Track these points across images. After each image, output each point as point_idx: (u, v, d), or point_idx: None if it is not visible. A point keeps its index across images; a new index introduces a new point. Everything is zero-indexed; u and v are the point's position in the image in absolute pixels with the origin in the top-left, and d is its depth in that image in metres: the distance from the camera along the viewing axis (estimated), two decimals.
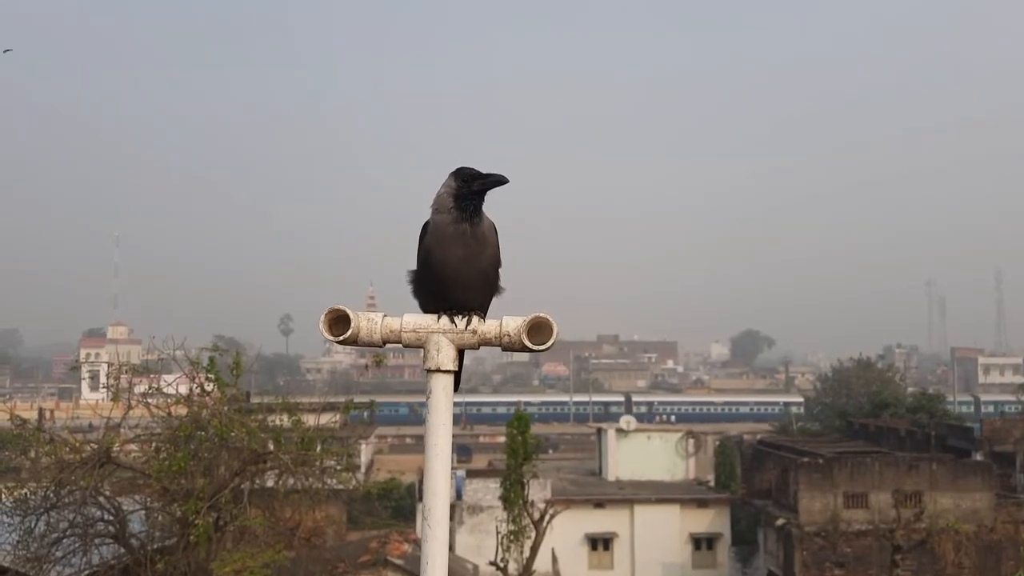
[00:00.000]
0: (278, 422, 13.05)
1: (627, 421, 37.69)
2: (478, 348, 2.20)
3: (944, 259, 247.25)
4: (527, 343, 2.12)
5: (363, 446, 30.15)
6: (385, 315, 2.18)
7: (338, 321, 2.13)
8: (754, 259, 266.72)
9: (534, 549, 22.82)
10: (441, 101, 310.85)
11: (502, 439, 30.61)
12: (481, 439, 72.80)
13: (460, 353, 2.20)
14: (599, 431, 39.37)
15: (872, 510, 26.26)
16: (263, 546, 12.28)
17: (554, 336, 2.12)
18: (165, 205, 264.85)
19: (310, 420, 13.49)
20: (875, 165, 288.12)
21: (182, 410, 12.32)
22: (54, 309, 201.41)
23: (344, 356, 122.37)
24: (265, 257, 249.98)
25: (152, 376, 12.71)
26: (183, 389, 12.72)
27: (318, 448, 13.32)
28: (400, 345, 2.20)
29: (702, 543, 32.45)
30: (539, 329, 2.12)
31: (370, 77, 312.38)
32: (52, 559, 11.48)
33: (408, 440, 75.70)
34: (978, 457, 31.19)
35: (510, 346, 2.14)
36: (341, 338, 2.12)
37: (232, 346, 19.65)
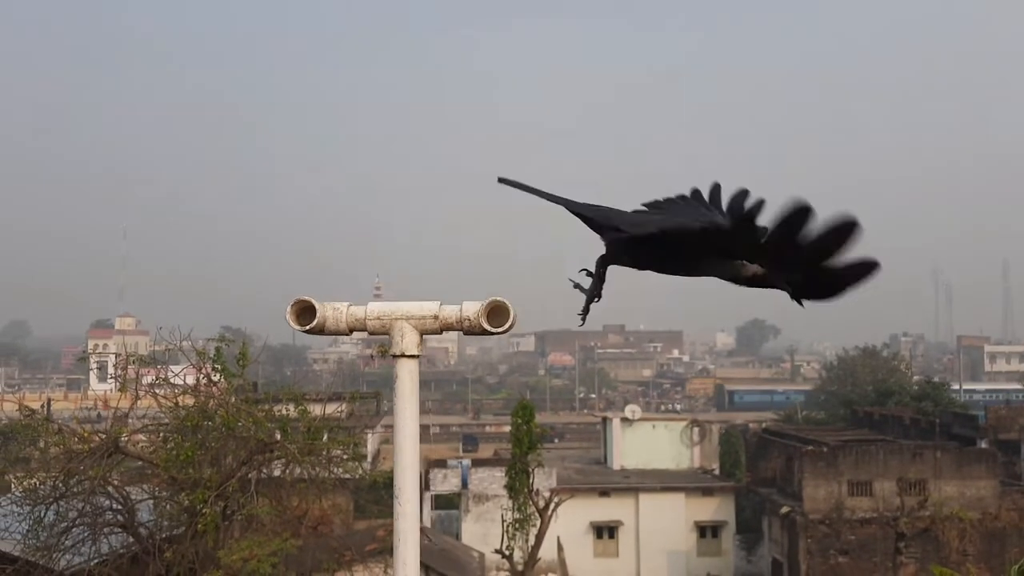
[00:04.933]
0: (285, 412, 13.14)
1: (632, 410, 37.74)
2: (440, 332, 2.24)
3: (951, 247, 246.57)
4: (486, 326, 2.15)
5: (370, 436, 30.27)
6: (351, 304, 2.22)
7: (305, 311, 2.18)
8: None
9: (539, 537, 22.96)
10: (446, 96, 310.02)
11: (508, 428, 30.70)
12: (487, 429, 73.01)
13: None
14: (604, 420, 39.44)
15: (876, 498, 26.28)
16: (270, 535, 12.38)
17: (511, 319, 2.15)
18: (173, 196, 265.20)
19: (317, 410, 13.58)
20: (881, 155, 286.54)
21: (189, 400, 12.41)
22: (62, 300, 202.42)
23: (351, 347, 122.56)
24: (272, 247, 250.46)
25: (159, 367, 12.81)
26: (190, 380, 12.81)
27: (325, 437, 13.42)
28: (367, 333, 2.23)
29: (707, 531, 32.55)
30: (498, 313, 2.15)
31: (376, 76, 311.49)
32: (61, 548, 11.61)
33: None
34: (983, 445, 31.17)
35: (471, 330, 2.17)
36: (308, 327, 2.17)
37: (239, 337, 19.75)
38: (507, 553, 23.03)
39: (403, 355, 2.18)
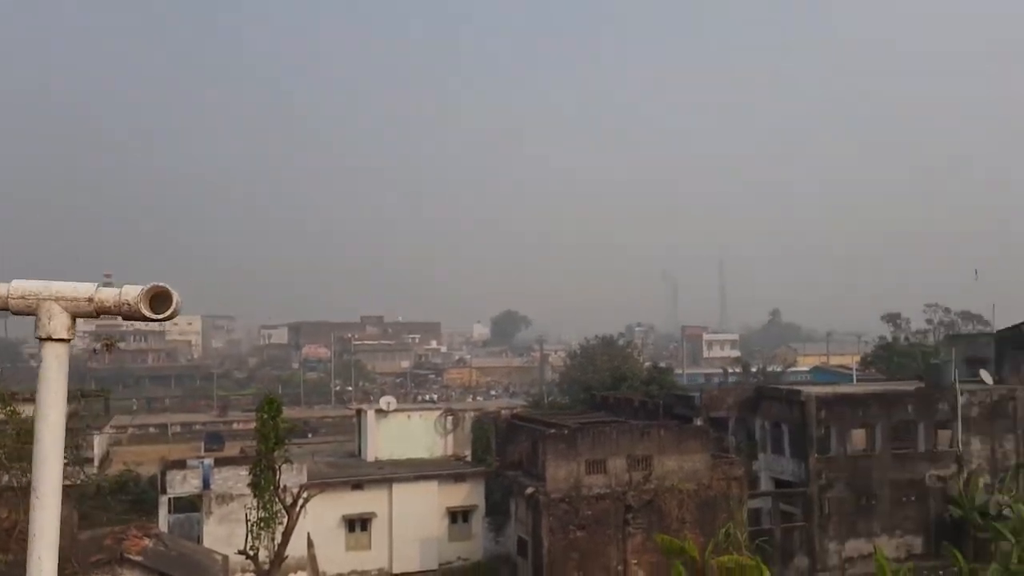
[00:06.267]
0: None
1: (387, 402, 37.84)
2: (96, 316, 2.19)
3: (678, 249, 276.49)
4: (146, 312, 2.13)
5: (96, 437, 27.58)
6: None
7: None
8: (514, 242, 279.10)
9: (286, 535, 22.35)
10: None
11: None
12: (235, 426, 69.62)
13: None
14: (359, 412, 39.17)
15: (610, 475, 28.65)
16: None
17: (174, 306, 2.15)
18: None
19: (30, 410, 12.14)
20: (629, 163, 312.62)
21: None
22: None
23: (77, 340, 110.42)
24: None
25: None
26: None
27: None
28: (9, 313, 2.13)
29: (458, 516, 33.55)
30: (161, 299, 2.14)
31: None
32: None
33: (151, 430, 70.53)
34: (698, 422, 35.15)
35: (130, 315, 2.15)
36: None
37: None
38: (251, 553, 22.17)
39: (50, 338, 2.09)
